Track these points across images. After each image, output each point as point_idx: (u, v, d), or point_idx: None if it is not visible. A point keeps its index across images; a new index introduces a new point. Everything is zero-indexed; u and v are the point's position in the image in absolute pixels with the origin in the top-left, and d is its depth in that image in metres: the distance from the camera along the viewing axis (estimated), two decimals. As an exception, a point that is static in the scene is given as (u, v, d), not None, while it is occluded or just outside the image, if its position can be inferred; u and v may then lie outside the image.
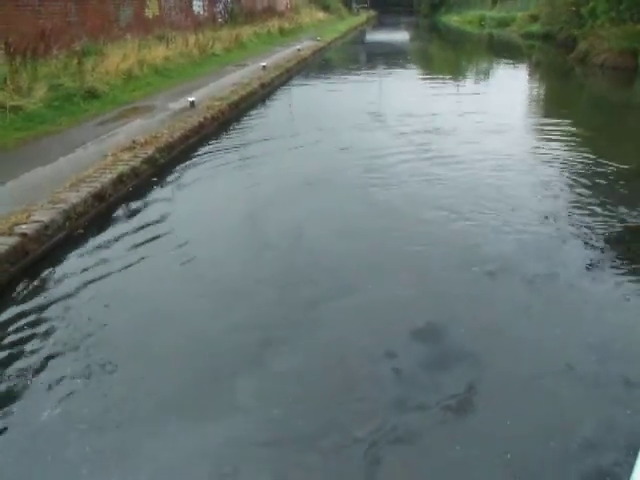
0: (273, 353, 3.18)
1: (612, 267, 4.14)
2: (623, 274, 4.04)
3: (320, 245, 4.58)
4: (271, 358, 3.13)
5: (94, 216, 5.00)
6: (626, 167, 6.57)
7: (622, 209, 5.22)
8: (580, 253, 4.38)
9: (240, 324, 3.46)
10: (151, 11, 15.73)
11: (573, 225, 4.91)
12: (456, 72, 16.76)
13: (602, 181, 6.09)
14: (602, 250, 4.40)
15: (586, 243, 4.55)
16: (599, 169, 6.48)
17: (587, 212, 5.18)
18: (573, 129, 8.63)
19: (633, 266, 4.17)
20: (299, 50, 17.53)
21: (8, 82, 7.66)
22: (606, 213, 5.15)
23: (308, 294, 3.78)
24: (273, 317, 3.55)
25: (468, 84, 14.02)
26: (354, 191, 5.76)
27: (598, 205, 5.34)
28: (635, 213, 5.13)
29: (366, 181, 6.01)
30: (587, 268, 4.12)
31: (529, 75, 16.59)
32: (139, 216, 5.13)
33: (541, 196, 5.63)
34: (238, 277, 4.04)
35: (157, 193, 5.75)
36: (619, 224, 4.91)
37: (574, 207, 5.33)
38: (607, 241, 4.57)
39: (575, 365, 3.03)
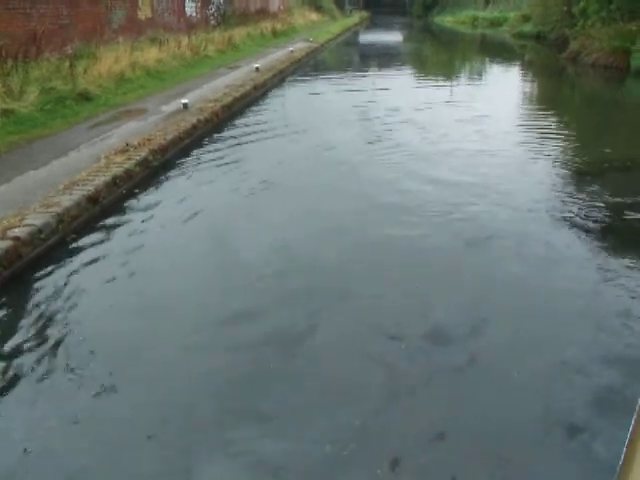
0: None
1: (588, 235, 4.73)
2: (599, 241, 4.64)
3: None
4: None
5: (88, 219, 4.98)
6: (607, 158, 6.92)
7: (599, 191, 5.69)
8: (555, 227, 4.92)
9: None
10: (143, 13, 15.69)
11: (543, 201, 5.51)
12: (448, 72, 16.80)
13: (581, 169, 6.52)
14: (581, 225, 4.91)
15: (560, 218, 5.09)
16: (579, 159, 6.89)
17: (562, 194, 5.73)
18: (561, 124, 8.81)
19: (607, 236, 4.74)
20: (292, 52, 17.53)
21: None
22: (582, 195, 5.61)
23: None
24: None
25: (460, 84, 14.07)
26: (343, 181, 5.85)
27: (576, 189, 5.86)
28: (609, 195, 5.57)
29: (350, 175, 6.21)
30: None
31: (521, 74, 16.67)
32: (133, 218, 5.12)
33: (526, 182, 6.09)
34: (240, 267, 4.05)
35: (150, 195, 5.73)
36: (593, 204, 5.35)
37: (553, 192, 5.81)
38: (582, 217, 5.08)
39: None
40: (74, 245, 4.55)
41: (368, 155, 7.09)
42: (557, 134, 8.23)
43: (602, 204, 5.34)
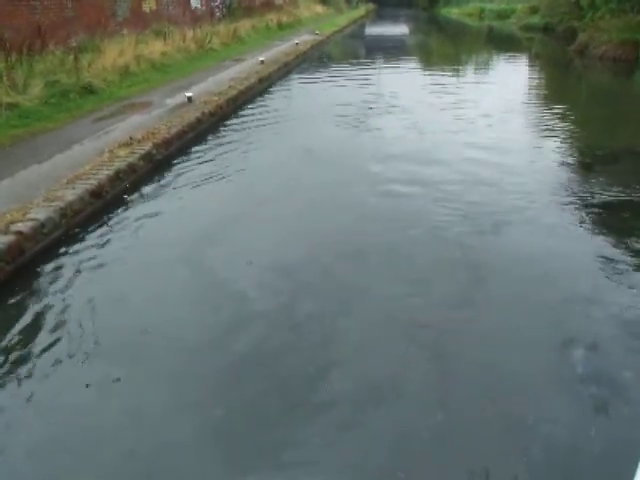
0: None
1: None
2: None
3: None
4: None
5: (91, 213, 4.96)
6: (612, 147, 7.13)
7: (600, 177, 5.91)
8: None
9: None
10: (148, 5, 15.63)
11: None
12: (455, 65, 16.66)
13: (587, 157, 6.75)
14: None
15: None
16: (584, 148, 7.10)
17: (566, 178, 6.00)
18: (568, 116, 8.82)
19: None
20: (297, 44, 17.42)
21: (4, 78, 7.61)
22: (587, 180, 5.88)
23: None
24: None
25: (465, 77, 13.96)
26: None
27: (581, 174, 6.12)
28: (612, 180, 5.75)
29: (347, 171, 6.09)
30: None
31: (528, 67, 16.50)
32: (136, 213, 5.10)
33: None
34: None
35: (154, 189, 5.71)
36: (598, 187, 5.59)
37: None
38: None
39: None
40: (77, 240, 4.53)
41: (373, 154, 7.03)
42: (563, 125, 8.21)
43: (607, 187, 5.56)
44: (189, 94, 8.82)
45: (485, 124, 8.19)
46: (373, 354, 3.13)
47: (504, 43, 23.68)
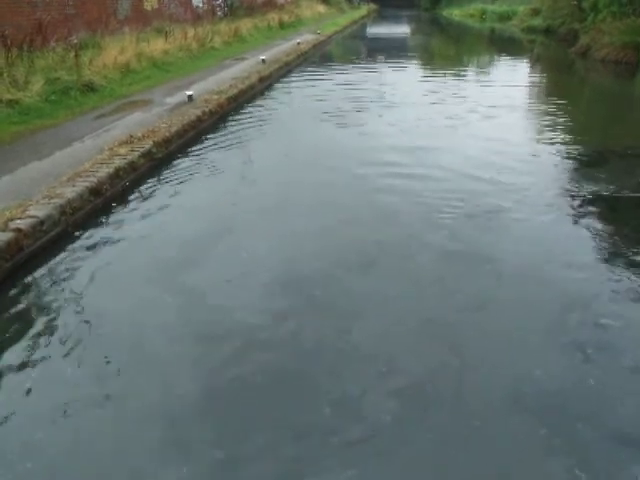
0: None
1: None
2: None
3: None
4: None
5: (91, 211, 4.95)
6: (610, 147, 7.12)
7: (603, 174, 6.01)
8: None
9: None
10: (150, 4, 15.64)
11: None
12: (456, 67, 16.63)
13: (585, 157, 6.75)
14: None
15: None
16: (583, 148, 7.08)
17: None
18: (569, 117, 8.83)
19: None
20: (299, 44, 17.41)
21: (4, 75, 7.61)
22: (587, 183, 5.80)
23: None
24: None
25: (466, 78, 13.93)
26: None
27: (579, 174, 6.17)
28: (612, 181, 5.73)
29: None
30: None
31: (529, 69, 16.48)
32: (136, 211, 5.08)
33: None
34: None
35: (154, 188, 5.70)
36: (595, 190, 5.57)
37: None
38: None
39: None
40: (76, 237, 4.52)
41: (375, 153, 7.03)
42: (563, 125, 8.23)
43: (604, 186, 5.61)
44: (190, 93, 8.81)
45: (484, 124, 8.20)
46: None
47: (506, 45, 23.67)
